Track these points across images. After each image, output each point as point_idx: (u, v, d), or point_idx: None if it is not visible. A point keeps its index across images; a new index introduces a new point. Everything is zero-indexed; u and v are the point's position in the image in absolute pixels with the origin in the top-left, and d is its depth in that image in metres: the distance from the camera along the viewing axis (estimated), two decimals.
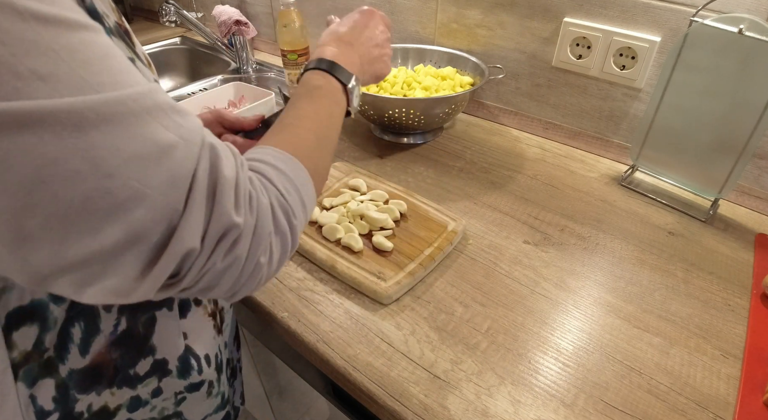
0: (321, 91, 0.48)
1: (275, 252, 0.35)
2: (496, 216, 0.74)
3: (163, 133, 0.28)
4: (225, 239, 0.31)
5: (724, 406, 0.49)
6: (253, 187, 0.33)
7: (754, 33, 0.62)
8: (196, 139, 0.30)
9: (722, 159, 0.70)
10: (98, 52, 0.27)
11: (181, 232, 0.28)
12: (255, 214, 0.32)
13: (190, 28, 1.23)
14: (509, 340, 0.55)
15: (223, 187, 0.30)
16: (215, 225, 0.30)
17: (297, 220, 0.37)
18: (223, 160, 0.31)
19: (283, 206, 0.36)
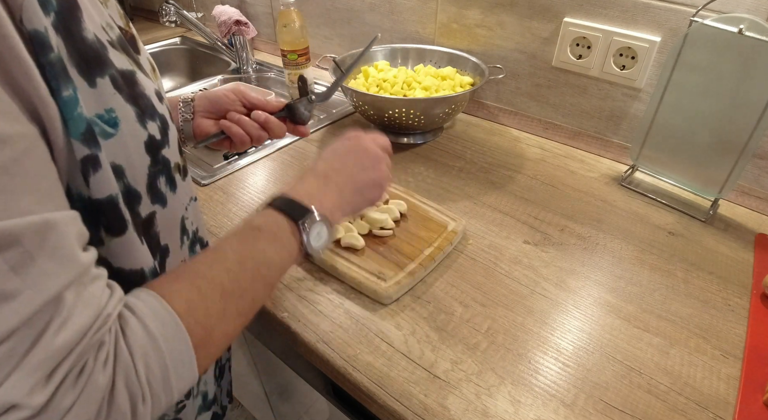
0: (259, 233, 0.40)
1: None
2: (496, 216, 0.74)
3: (7, 279, 0.24)
4: (10, 414, 0.25)
5: (724, 406, 0.49)
6: (95, 359, 0.28)
7: (754, 33, 0.62)
8: (47, 292, 0.26)
9: (722, 159, 0.70)
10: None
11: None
12: (77, 393, 0.26)
13: (190, 28, 1.23)
14: (509, 340, 0.55)
15: (33, 357, 0.25)
16: (2, 394, 0.24)
17: (146, 407, 0.30)
18: (66, 322, 0.26)
19: (132, 388, 0.29)
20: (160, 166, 0.38)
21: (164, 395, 0.31)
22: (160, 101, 0.38)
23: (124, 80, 0.34)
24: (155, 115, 0.37)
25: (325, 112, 1.06)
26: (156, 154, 0.37)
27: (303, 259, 0.43)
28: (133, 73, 0.35)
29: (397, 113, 0.84)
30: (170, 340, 0.31)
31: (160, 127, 0.37)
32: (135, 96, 0.35)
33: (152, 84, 0.38)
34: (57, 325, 0.26)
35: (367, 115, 0.90)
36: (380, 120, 0.88)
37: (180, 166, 0.42)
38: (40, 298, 0.25)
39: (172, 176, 0.40)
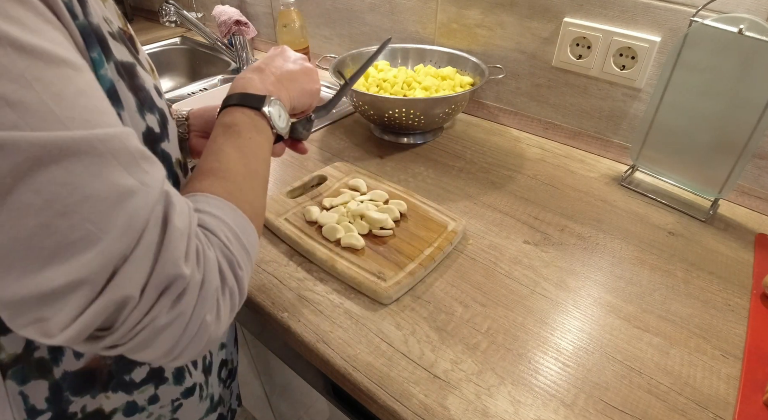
0: (236, 128, 0.44)
1: (223, 308, 0.33)
2: (496, 216, 0.74)
3: (124, 177, 0.27)
4: (169, 291, 0.29)
5: (724, 406, 0.49)
6: (199, 241, 0.32)
7: (754, 33, 0.62)
8: (156, 187, 0.29)
9: (722, 159, 0.70)
10: (74, 88, 0.26)
11: (119, 277, 0.26)
12: (202, 269, 0.31)
13: (190, 28, 1.23)
14: (509, 340, 0.55)
15: (172, 237, 0.29)
16: (159, 274, 0.28)
17: (243, 271, 0.35)
18: (177, 209, 0.30)
19: (229, 259, 0.34)
20: (160, 159, 0.38)
21: (247, 260, 0.36)
22: (160, 96, 0.39)
23: (125, 70, 0.34)
24: (154, 108, 0.37)
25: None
26: (155, 147, 0.37)
27: (275, 142, 0.49)
28: (134, 65, 0.36)
29: (397, 113, 0.84)
30: (234, 219, 0.36)
31: (159, 121, 0.38)
32: (135, 87, 0.35)
33: (151, 79, 0.38)
34: (173, 212, 0.30)
35: (367, 115, 0.90)
36: (380, 120, 0.88)
37: (181, 163, 0.42)
38: (155, 191, 0.29)
39: (174, 172, 0.40)
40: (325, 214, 0.69)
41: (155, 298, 0.28)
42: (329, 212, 0.70)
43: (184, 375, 0.47)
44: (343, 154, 0.90)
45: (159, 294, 0.28)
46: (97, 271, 0.26)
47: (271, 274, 0.63)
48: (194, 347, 0.31)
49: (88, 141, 0.26)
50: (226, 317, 0.33)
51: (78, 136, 0.25)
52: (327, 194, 0.75)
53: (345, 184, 0.78)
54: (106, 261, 0.26)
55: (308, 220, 0.69)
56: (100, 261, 0.26)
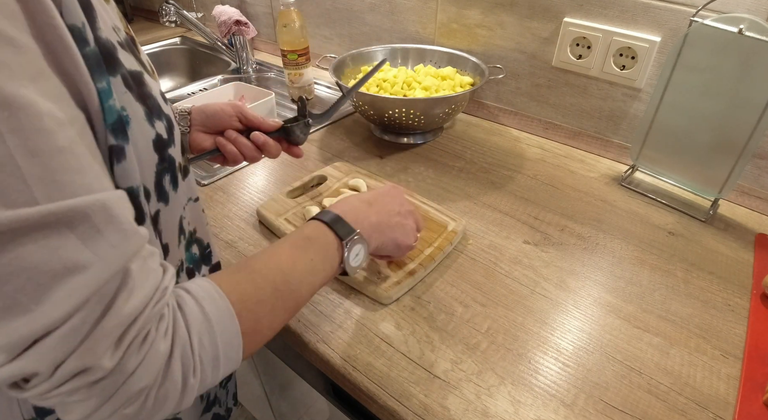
0: (309, 243, 0.44)
1: (150, 405, 0.30)
2: (496, 216, 0.74)
3: (78, 251, 0.26)
4: (81, 376, 0.27)
5: (724, 406, 0.49)
6: (156, 329, 0.30)
7: (754, 33, 0.62)
8: (115, 264, 0.27)
9: (722, 159, 0.70)
10: (53, 146, 0.25)
11: (33, 351, 0.25)
12: (138, 360, 0.29)
13: (190, 28, 1.23)
14: (509, 340, 0.55)
15: (106, 323, 0.27)
16: (75, 360, 0.26)
17: (196, 379, 0.32)
18: (132, 292, 0.28)
19: (186, 359, 0.31)
20: (167, 164, 0.38)
21: (211, 373, 0.33)
22: (165, 102, 0.39)
23: (133, 80, 0.34)
24: (161, 114, 0.37)
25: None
26: (163, 153, 0.38)
27: (338, 275, 0.48)
28: (141, 73, 0.36)
29: (397, 113, 0.84)
30: (222, 323, 0.34)
31: (167, 127, 0.38)
32: (143, 95, 0.35)
33: (157, 85, 0.38)
34: (125, 294, 0.28)
35: (367, 115, 0.90)
36: (380, 120, 0.88)
37: (182, 166, 0.42)
38: (110, 269, 0.27)
39: (175, 175, 0.40)
40: None
41: (64, 379, 0.27)
42: None
43: None
44: (343, 154, 0.90)
45: (72, 375, 0.27)
46: (15, 342, 0.25)
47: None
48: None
49: (44, 217, 0.25)
50: (152, 415, 0.31)
51: (36, 213, 0.24)
52: (327, 194, 0.75)
53: (345, 184, 0.78)
54: (27, 332, 0.25)
55: (308, 220, 0.69)
56: (21, 332, 0.25)
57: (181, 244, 0.45)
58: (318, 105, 1.11)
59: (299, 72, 1.07)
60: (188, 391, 0.32)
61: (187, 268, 0.47)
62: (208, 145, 0.60)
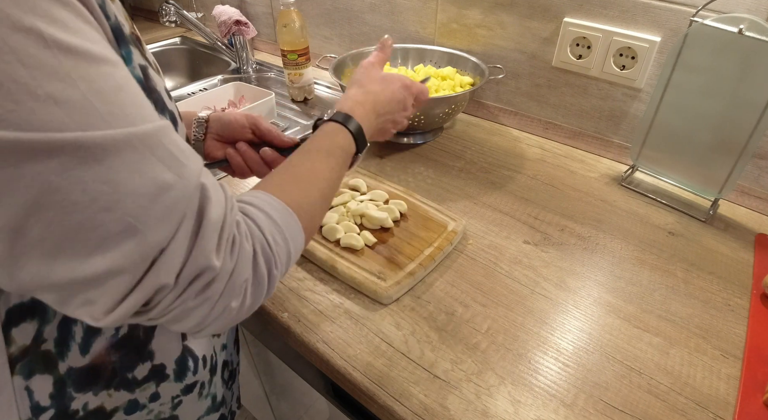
0: (340, 153, 0.49)
1: (248, 297, 0.35)
2: (496, 216, 0.74)
3: (163, 171, 0.29)
4: (199, 279, 0.31)
5: (724, 406, 0.49)
6: (238, 232, 0.34)
7: (754, 33, 0.62)
8: (192, 180, 0.31)
9: (722, 159, 0.70)
10: (114, 84, 0.28)
11: (158, 267, 0.29)
12: (235, 259, 0.33)
13: (190, 28, 1.23)
14: (509, 340, 0.55)
15: (205, 229, 0.31)
16: (192, 265, 0.30)
17: (278, 271, 0.37)
18: (213, 202, 0.32)
19: (267, 255, 0.36)
20: None
21: (287, 263, 0.39)
22: (170, 98, 0.39)
23: (141, 71, 0.35)
24: (165, 110, 0.38)
25: (325, 112, 1.06)
26: None
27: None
28: (146, 67, 0.36)
29: None
30: (286, 222, 0.38)
31: (170, 121, 0.38)
32: (149, 89, 0.36)
33: (161, 81, 0.38)
34: (209, 205, 0.31)
35: None
36: None
37: None
38: (191, 184, 0.30)
39: None
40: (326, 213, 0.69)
41: (187, 284, 0.31)
42: (329, 212, 0.70)
43: (185, 372, 0.47)
44: None
45: (190, 281, 0.31)
46: (137, 262, 0.28)
47: None
48: (216, 325, 0.34)
49: (127, 139, 0.27)
50: (248, 306, 0.35)
51: (119, 135, 0.27)
52: None
53: (345, 184, 0.78)
54: (145, 252, 0.28)
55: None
56: (140, 252, 0.28)
57: None
58: (318, 105, 1.11)
59: (299, 72, 1.07)
60: (273, 281, 0.37)
61: None
62: (219, 155, 0.60)
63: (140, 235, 0.28)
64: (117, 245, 0.28)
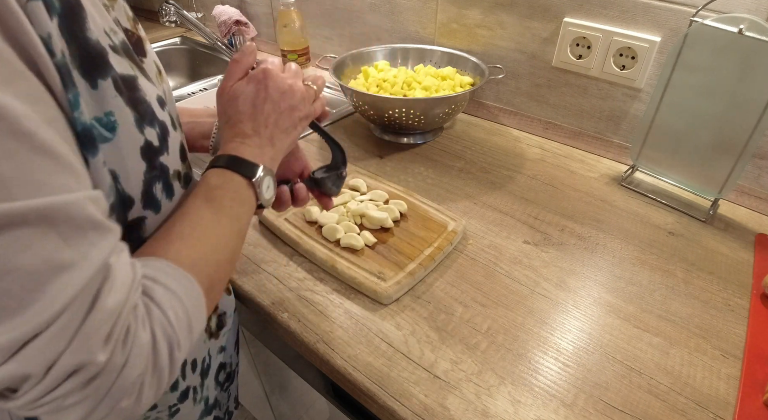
0: (222, 193, 0.42)
1: (147, 390, 0.31)
2: (496, 216, 0.74)
3: (61, 250, 0.26)
4: (78, 375, 0.27)
5: (724, 406, 0.49)
6: (134, 319, 0.30)
7: (754, 33, 0.62)
8: (97, 260, 0.28)
9: (722, 159, 0.70)
10: (30, 146, 0.25)
11: (24, 354, 0.25)
12: (127, 352, 0.29)
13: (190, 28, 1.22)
14: (509, 340, 0.55)
15: (95, 318, 0.27)
16: (70, 357, 0.26)
17: (180, 352, 0.33)
18: (115, 286, 0.28)
19: (169, 338, 0.32)
20: (157, 172, 0.38)
21: (188, 340, 0.34)
22: (162, 107, 0.38)
23: (124, 84, 0.34)
24: (155, 121, 0.37)
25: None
26: (153, 161, 0.37)
27: (257, 211, 0.46)
28: (135, 78, 0.35)
29: (397, 113, 0.84)
30: (187, 292, 0.34)
31: (159, 134, 0.37)
32: (135, 101, 0.35)
33: (154, 90, 0.38)
34: (108, 289, 0.28)
35: (367, 115, 0.90)
36: (380, 120, 0.88)
37: (180, 174, 0.41)
38: (93, 265, 0.27)
39: (169, 183, 0.40)
40: (325, 214, 0.69)
41: (62, 379, 0.27)
42: (329, 212, 0.70)
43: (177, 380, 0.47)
44: None
45: (67, 376, 0.27)
46: (3, 345, 0.25)
47: (271, 274, 0.63)
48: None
49: (23, 214, 0.25)
50: (149, 399, 0.32)
51: (15, 208, 0.24)
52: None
53: (345, 185, 0.78)
54: (16, 336, 0.25)
55: (308, 220, 0.69)
56: (10, 335, 0.25)
57: None
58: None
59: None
60: (175, 365, 0.33)
61: None
62: None
63: (16, 319, 0.25)
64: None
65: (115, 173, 0.34)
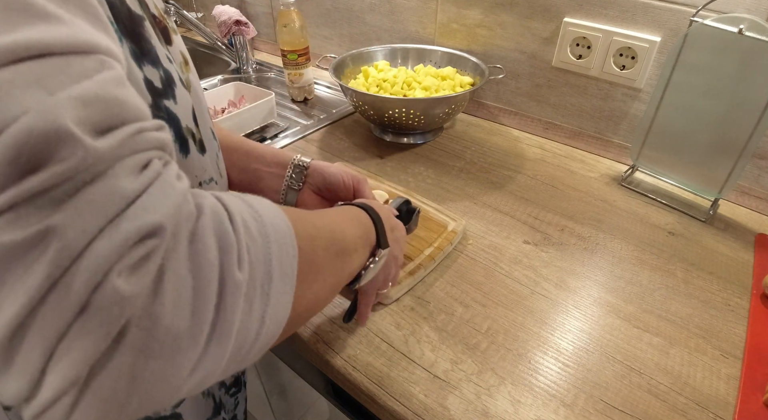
0: (359, 222, 0.40)
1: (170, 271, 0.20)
2: (496, 216, 0.74)
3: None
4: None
5: (724, 406, 0.49)
6: (162, 165, 0.22)
7: (754, 33, 0.62)
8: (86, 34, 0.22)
9: (722, 159, 0.70)
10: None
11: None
12: (142, 181, 0.20)
13: (190, 28, 1.23)
14: (509, 340, 0.55)
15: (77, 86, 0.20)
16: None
17: (244, 276, 0.22)
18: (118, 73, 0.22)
19: (225, 237, 0.22)
20: (164, 114, 0.34)
21: (260, 288, 0.23)
22: (170, 62, 0.36)
23: (130, 17, 0.31)
24: (158, 64, 0.34)
25: (325, 112, 1.06)
26: (156, 100, 0.34)
27: (345, 286, 0.42)
28: (142, 18, 0.33)
29: (397, 113, 0.84)
30: (273, 217, 0.26)
31: (162, 78, 0.34)
32: (135, 34, 0.32)
33: (162, 48, 0.35)
34: (114, 76, 0.21)
35: (367, 115, 0.90)
36: (380, 120, 0.88)
37: (194, 135, 0.39)
38: (80, 35, 0.21)
39: (184, 137, 0.37)
40: None
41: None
42: None
43: None
44: (343, 154, 0.90)
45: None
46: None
47: None
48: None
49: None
50: (179, 308, 0.20)
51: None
52: None
53: None
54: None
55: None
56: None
57: None
58: (318, 105, 1.11)
59: (299, 72, 1.07)
60: (229, 291, 0.21)
61: None
62: (317, 207, 0.56)
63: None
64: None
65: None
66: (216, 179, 0.43)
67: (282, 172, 0.56)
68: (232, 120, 0.93)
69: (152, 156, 0.22)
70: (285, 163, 0.56)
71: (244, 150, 0.56)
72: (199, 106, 0.42)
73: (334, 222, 0.36)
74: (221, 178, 0.46)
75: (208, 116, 0.44)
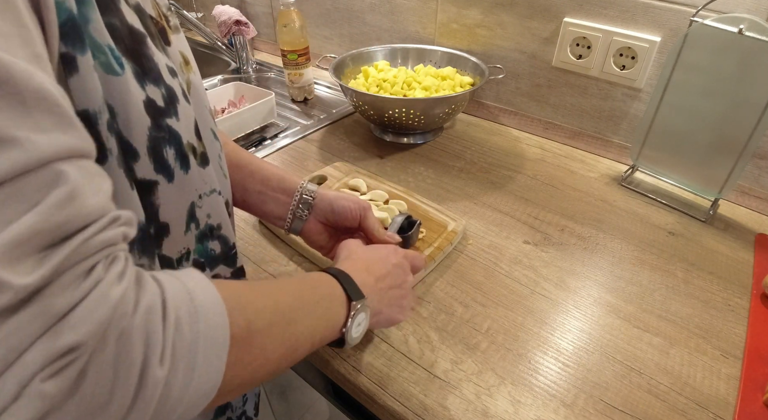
0: (318, 286, 0.40)
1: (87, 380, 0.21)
2: (496, 216, 0.74)
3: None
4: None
5: (724, 406, 0.49)
6: (105, 268, 0.23)
7: (754, 33, 0.62)
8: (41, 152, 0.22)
9: (722, 159, 0.70)
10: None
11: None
12: (74, 297, 0.21)
13: (190, 28, 1.23)
14: (509, 340, 0.55)
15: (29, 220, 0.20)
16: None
17: (163, 371, 0.23)
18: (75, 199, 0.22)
19: (153, 334, 0.23)
20: (165, 134, 0.35)
21: (182, 378, 0.24)
22: (172, 76, 0.36)
23: (131, 34, 0.32)
24: (160, 82, 0.34)
25: (325, 112, 1.06)
26: (158, 120, 0.34)
27: (332, 344, 0.43)
28: (143, 35, 0.33)
29: (397, 113, 0.84)
30: (207, 308, 0.26)
31: (165, 96, 0.35)
32: (137, 53, 0.33)
33: (163, 57, 0.36)
34: (61, 197, 0.22)
35: (367, 115, 0.90)
36: (380, 120, 0.88)
37: (195, 149, 0.39)
38: (33, 155, 0.21)
39: (184, 154, 0.37)
40: None
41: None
42: None
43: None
44: (343, 154, 0.90)
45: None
46: None
47: (271, 274, 0.63)
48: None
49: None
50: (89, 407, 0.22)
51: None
52: None
53: (345, 184, 0.78)
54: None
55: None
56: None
57: (190, 232, 0.41)
58: (318, 105, 1.11)
59: (299, 72, 1.07)
60: (147, 385, 0.23)
61: (194, 260, 0.42)
62: (320, 239, 0.56)
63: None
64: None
65: (114, 111, 0.31)
66: (218, 189, 0.43)
67: (287, 199, 0.55)
68: (232, 120, 0.93)
69: (98, 259, 0.23)
70: (290, 190, 0.55)
71: (249, 170, 0.55)
72: (201, 107, 0.41)
73: (282, 292, 0.36)
74: (225, 179, 0.45)
75: (210, 116, 0.44)
